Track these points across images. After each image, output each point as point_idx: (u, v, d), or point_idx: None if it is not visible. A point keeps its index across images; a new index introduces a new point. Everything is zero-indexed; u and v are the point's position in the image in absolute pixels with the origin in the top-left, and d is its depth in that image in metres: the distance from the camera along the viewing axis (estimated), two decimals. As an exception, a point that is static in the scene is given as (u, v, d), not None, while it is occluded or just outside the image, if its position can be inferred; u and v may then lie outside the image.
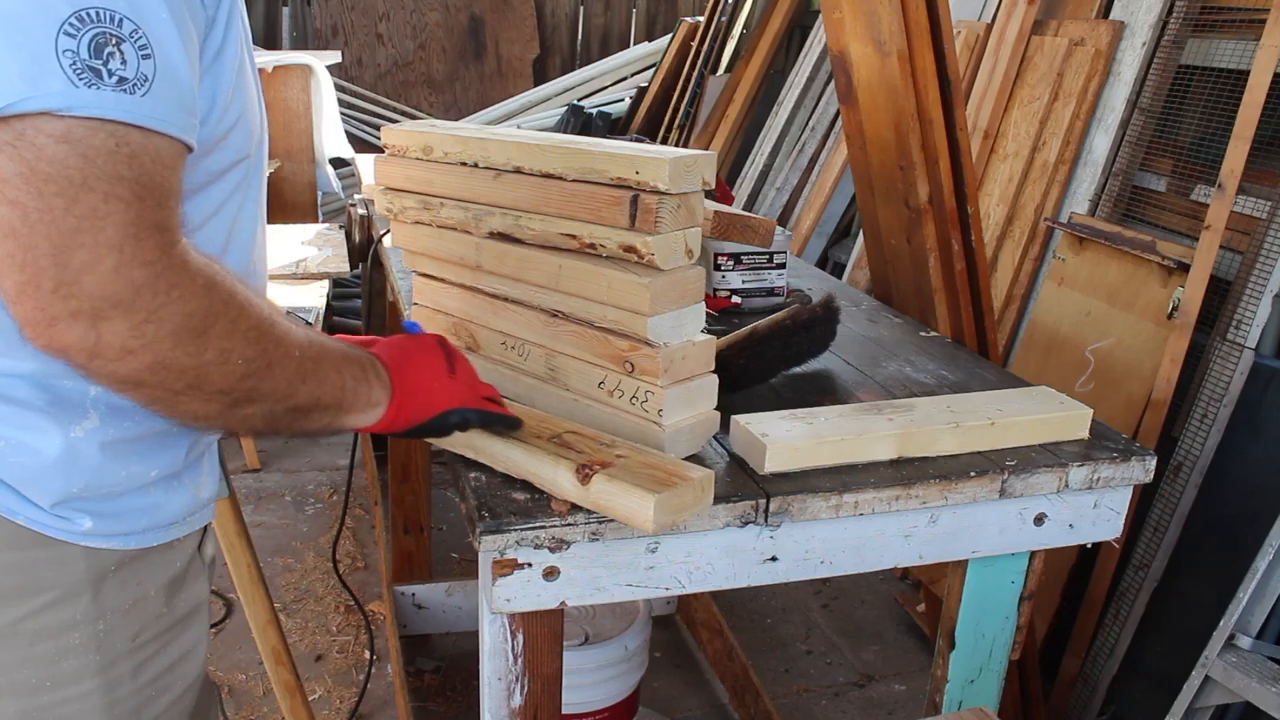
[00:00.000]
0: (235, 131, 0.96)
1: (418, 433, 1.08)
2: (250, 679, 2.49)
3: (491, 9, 7.64)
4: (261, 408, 0.91)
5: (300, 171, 4.37)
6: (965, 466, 1.20)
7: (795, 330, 1.45)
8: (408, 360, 1.06)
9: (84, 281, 0.77)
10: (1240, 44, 2.32)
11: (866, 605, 2.93)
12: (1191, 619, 2.07)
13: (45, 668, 0.95)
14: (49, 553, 0.93)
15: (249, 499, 3.34)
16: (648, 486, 0.99)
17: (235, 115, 0.95)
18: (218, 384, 0.86)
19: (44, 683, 0.95)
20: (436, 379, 1.07)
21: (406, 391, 1.04)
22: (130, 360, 0.81)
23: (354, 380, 0.99)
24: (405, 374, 1.05)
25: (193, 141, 0.85)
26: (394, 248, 1.44)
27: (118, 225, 0.77)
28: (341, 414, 0.99)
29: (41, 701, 0.95)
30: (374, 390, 1.01)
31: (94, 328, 0.78)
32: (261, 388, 0.89)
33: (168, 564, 1.03)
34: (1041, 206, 2.76)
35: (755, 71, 4.81)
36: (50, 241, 0.76)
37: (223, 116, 0.93)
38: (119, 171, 0.77)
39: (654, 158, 1.05)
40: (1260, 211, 2.16)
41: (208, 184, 0.96)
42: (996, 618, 1.34)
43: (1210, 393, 2.12)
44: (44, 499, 0.92)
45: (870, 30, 1.69)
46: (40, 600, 0.93)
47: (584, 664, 1.96)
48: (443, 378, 1.07)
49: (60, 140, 0.75)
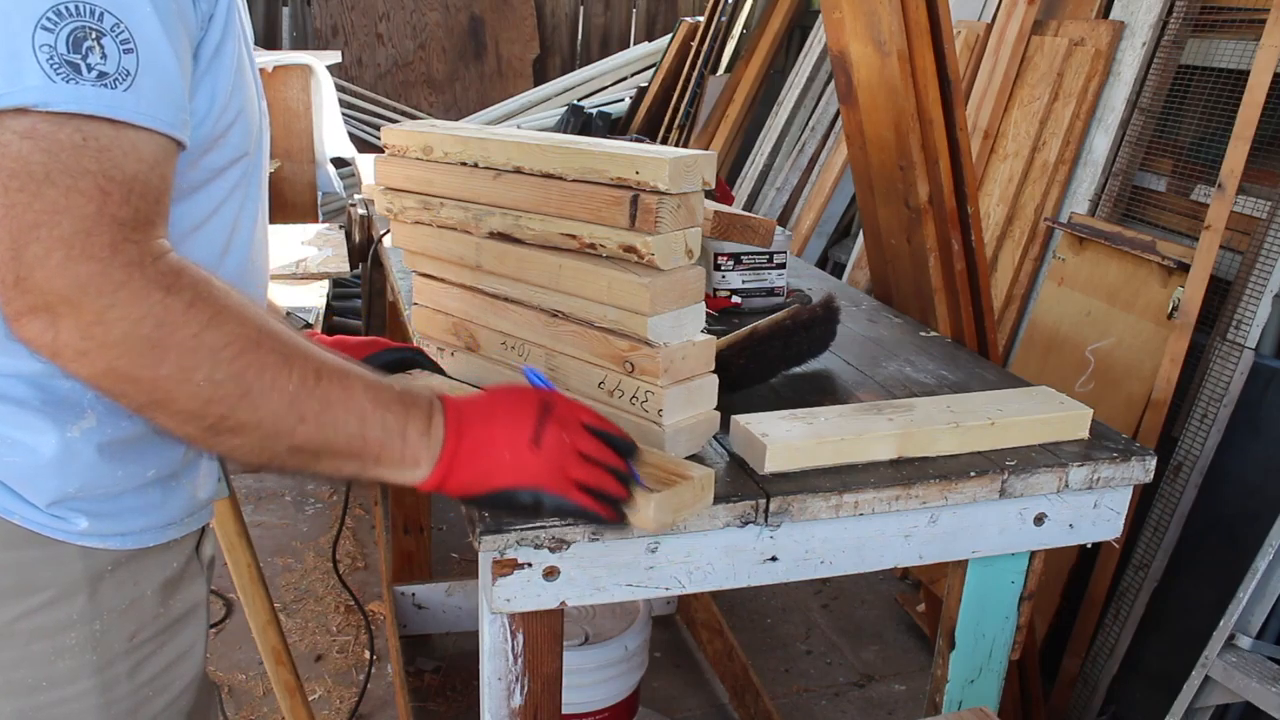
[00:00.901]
0: (234, 129, 0.95)
1: (480, 503, 0.97)
2: (250, 679, 2.49)
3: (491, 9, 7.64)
4: (248, 441, 0.84)
5: (300, 171, 4.37)
6: (965, 466, 1.20)
7: (795, 330, 1.45)
8: (480, 420, 0.94)
9: (36, 276, 0.76)
10: (1240, 44, 2.32)
11: (866, 605, 2.93)
12: (1191, 619, 2.07)
13: (41, 667, 0.95)
14: (45, 552, 0.93)
15: (249, 499, 3.34)
16: (647, 485, 0.98)
17: (235, 112, 0.94)
18: (182, 405, 0.80)
19: (40, 682, 0.95)
20: (510, 448, 0.93)
21: (464, 455, 0.92)
22: (86, 363, 0.78)
23: (383, 431, 0.89)
24: (468, 435, 0.92)
25: (183, 137, 0.83)
26: (394, 248, 1.44)
27: (74, 219, 0.76)
28: (369, 465, 0.90)
29: (38, 701, 0.95)
30: (412, 446, 0.91)
31: (52, 325, 0.77)
32: (239, 418, 0.82)
33: (165, 564, 1.03)
34: (1041, 206, 2.76)
35: (755, 71, 4.81)
36: (11, 235, 0.75)
37: (222, 114, 0.92)
38: (84, 166, 0.76)
39: (654, 158, 1.05)
40: (1260, 211, 2.16)
41: (207, 182, 0.95)
42: (996, 618, 1.34)
43: (1210, 393, 2.12)
44: (40, 498, 0.92)
45: (870, 30, 1.69)
46: (36, 600, 0.93)
47: (584, 664, 1.96)
48: (519, 448, 0.93)
49: (25, 136, 0.75)
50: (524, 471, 0.92)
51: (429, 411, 0.92)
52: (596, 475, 0.95)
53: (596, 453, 0.95)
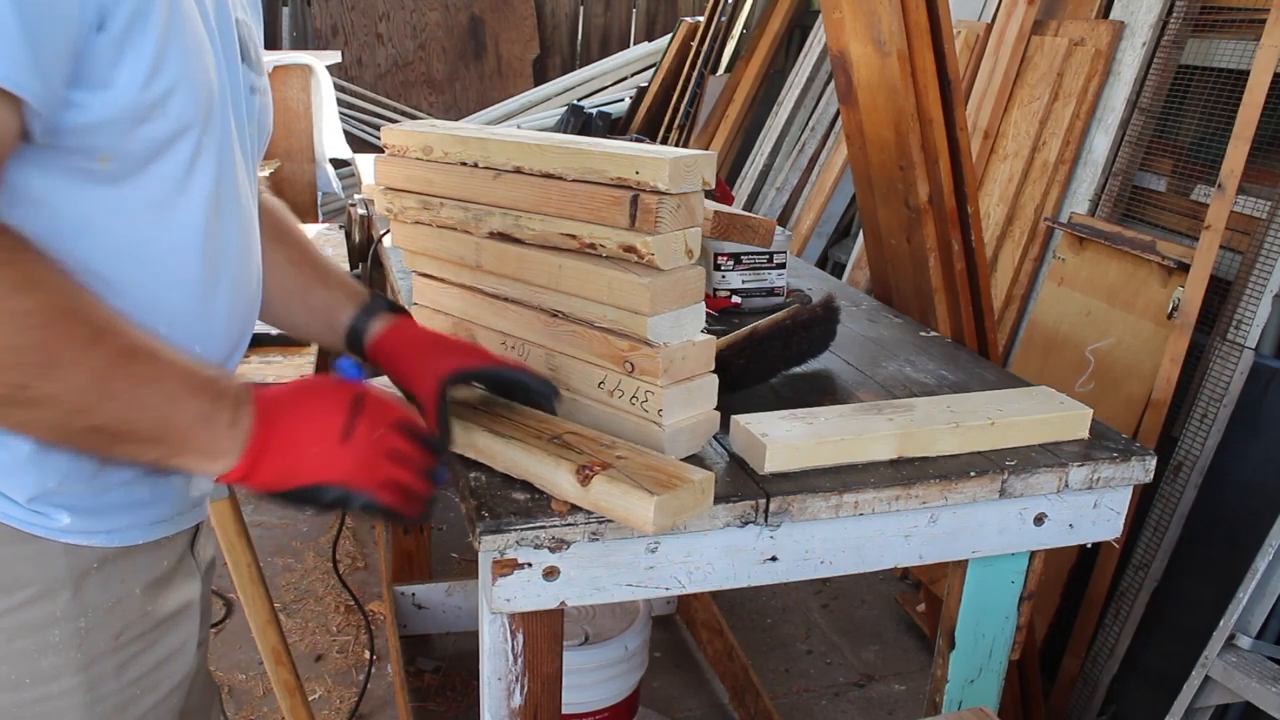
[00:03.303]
0: (174, 99, 0.87)
1: (288, 499, 0.92)
2: (250, 679, 2.49)
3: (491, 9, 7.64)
4: (45, 416, 0.80)
5: (300, 171, 4.37)
6: (965, 466, 1.20)
7: (795, 330, 1.45)
8: (289, 414, 0.90)
9: None
10: (1240, 44, 2.32)
11: (866, 605, 2.93)
12: (1191, 619, 2.07)
13: (24, 664, 0.94)
14: (28, 548, 0.92)
15: (249, 499, 3.33)
16: (648, 488, 0.98)
17: (171, 80, 0.86)
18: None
19: (23, 679, 0.94)
20: (318, 443, 0.90)
21: (271, 449, 0.89)
22: None
23: (191, 417, 0.85)
24: (276, 428, 0.89)
25: (23, 94, 0.76)
26: (394, 248, 1.44)
27: None
28: (171, 452, 0.86)
29: (21, 698, 0.94)
30: (219, 436, 0.87)
31: None
32: (40, 389, 0.78)
33: (154, 562, 1.02)
34: (1041, 206, 2.76)
35: (755, 71, 4.81)
36: None
37: (151, 80, 0.84)
38: None
39: (654, 158, 1.05)
40: (1260, 211, 2.16)
41: (152, 157, 0.88)
42: (996, 618, 1.34)
43: (1210, 393, 2.12)
44: (19, 494, 0.91)
45: (870, 30, 1.69)
46: (19, 596, 0.92)
47: (584, 664, 1.96)
48: (328, 443, 0.90)
49: None
50: (332, 468, 0.91)
51: (237, 401, 0.89)
52: (405, 473, 0.95)
53: (406, 450, 0.95)
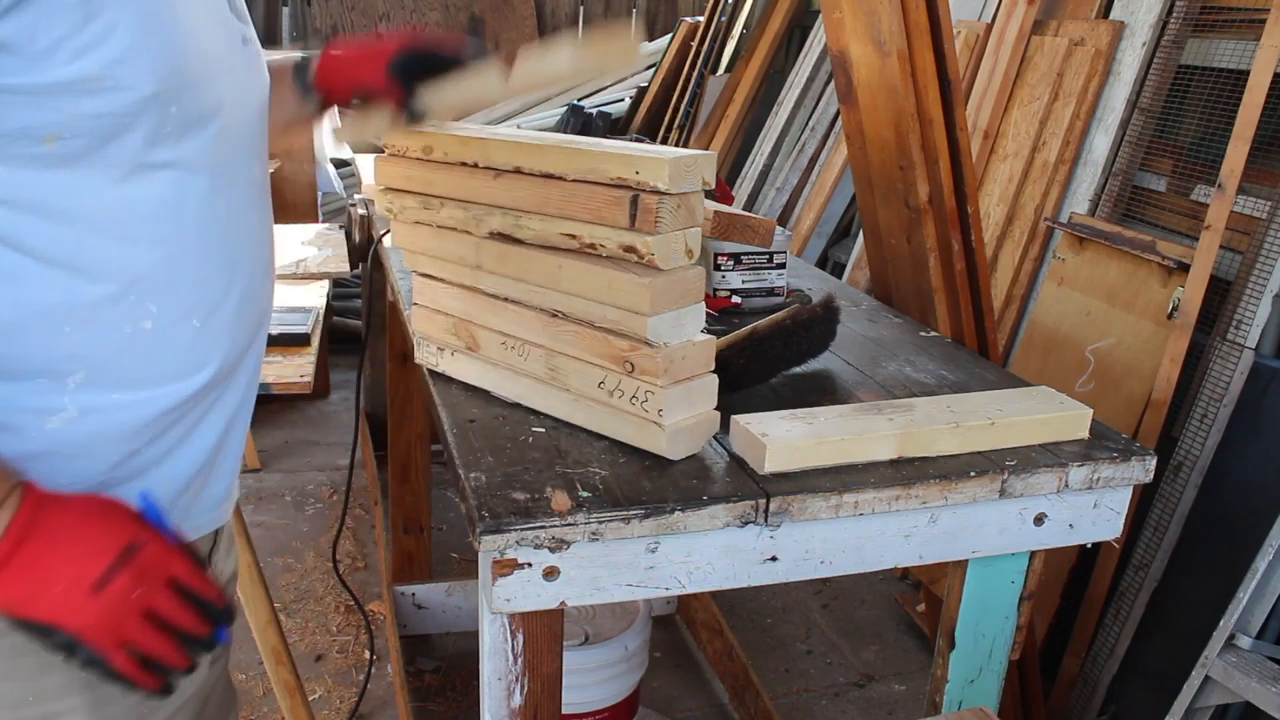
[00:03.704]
0: (125, 69, 0.82)
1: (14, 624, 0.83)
2: (250, 679, 2.49)
3: (491, 9, 7.64)
4: None
5: (300, 171, 4.37)
6: (965, 466, 1.20)
7: (795, 330, 1.45)
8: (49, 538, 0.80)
9: None
10: (1240, 44, 2.32)
11: (866, 605, 2.93)
12: (1191, 619, 2.07)
13: (28, 682, 0.92)
14: None
15: (249, 499, 3.34)
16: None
17: (118, 50, 0.81)
18: None
19: (26, 697, 0.92)
20: (65, 583, 0.80)
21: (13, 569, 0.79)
22: None
23: None
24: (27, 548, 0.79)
25: None
26: (394, 248, 1.44)
27: None
28: None
29: (24, 716, 0.93)
30: None
31: None
32: None
33: None
34: (1041, 206, 2.76)
35: (755, 71, 4.81)
36: None
37: (85, 52, 0.79)
38: None
39: (654, 158, 1.05)
40: (1260, 211, 2.16)
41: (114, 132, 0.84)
42: (996, 618, 1.34)
43: (1210, 393, 2.12)
44: None
45: (870, 30, 1.69)
46: None
47: (584, 664, 1.96)
48: (75, 587, 0.80)
49: None
50: (69, 614, 0.81)
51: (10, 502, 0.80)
52: (156, 643, 0.85)
53: (172, 616, 0.86)
